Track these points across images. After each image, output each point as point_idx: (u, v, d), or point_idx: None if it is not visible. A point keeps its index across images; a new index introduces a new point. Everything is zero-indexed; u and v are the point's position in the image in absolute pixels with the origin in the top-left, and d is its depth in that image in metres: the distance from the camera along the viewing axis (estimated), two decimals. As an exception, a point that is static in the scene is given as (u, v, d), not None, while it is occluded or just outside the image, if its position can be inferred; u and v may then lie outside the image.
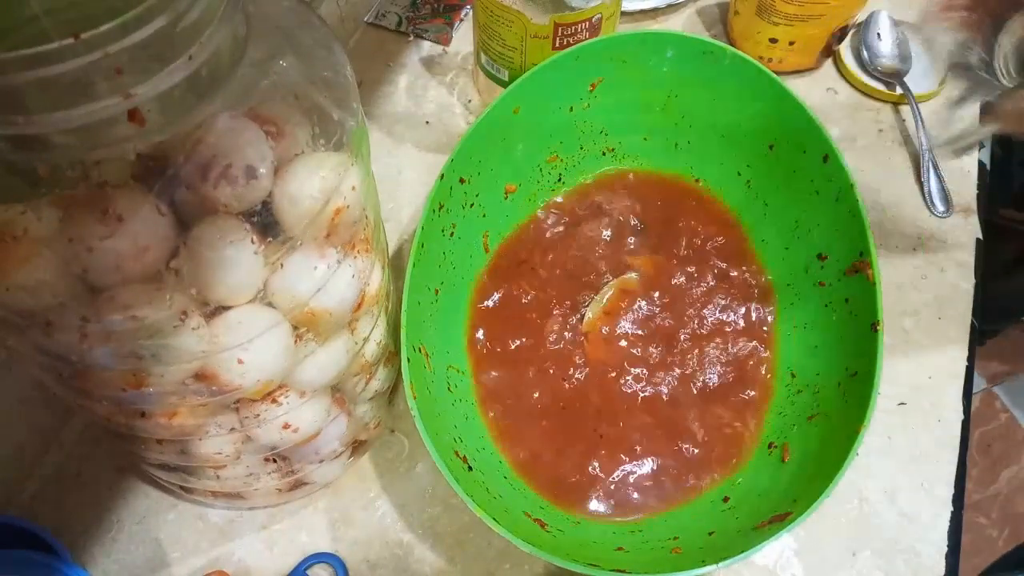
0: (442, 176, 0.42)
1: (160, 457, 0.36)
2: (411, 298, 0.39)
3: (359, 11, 0.66)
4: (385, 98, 0.61)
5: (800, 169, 0.45)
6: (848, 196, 0.42)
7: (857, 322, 0.40)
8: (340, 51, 0.29)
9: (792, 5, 0.56)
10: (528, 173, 0.50)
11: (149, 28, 0.20)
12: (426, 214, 0.41)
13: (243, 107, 0.25)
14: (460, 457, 0.38)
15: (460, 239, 0.46)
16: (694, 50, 0.47)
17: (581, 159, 0.51)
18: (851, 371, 0.40)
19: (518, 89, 0.45)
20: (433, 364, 0.41)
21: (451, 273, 0.45)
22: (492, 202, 0.48)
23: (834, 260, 0.43)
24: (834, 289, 0.43)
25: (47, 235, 0.22)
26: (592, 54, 0.46)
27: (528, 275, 0.48)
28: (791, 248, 0.47)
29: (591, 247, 0.49)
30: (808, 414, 0.41)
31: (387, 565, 0.42)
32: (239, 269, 0.26)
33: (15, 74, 0.19)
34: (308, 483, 0.42)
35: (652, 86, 0.49)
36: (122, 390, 0.28)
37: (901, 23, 0.64)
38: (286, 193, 0.26)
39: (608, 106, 0.49)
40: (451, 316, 0.45)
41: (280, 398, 0.32)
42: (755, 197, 0.49)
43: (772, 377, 0.45)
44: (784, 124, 0.46)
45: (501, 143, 0.46)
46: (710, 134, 0.50)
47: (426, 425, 0.36)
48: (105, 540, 0.42)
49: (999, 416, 1.22)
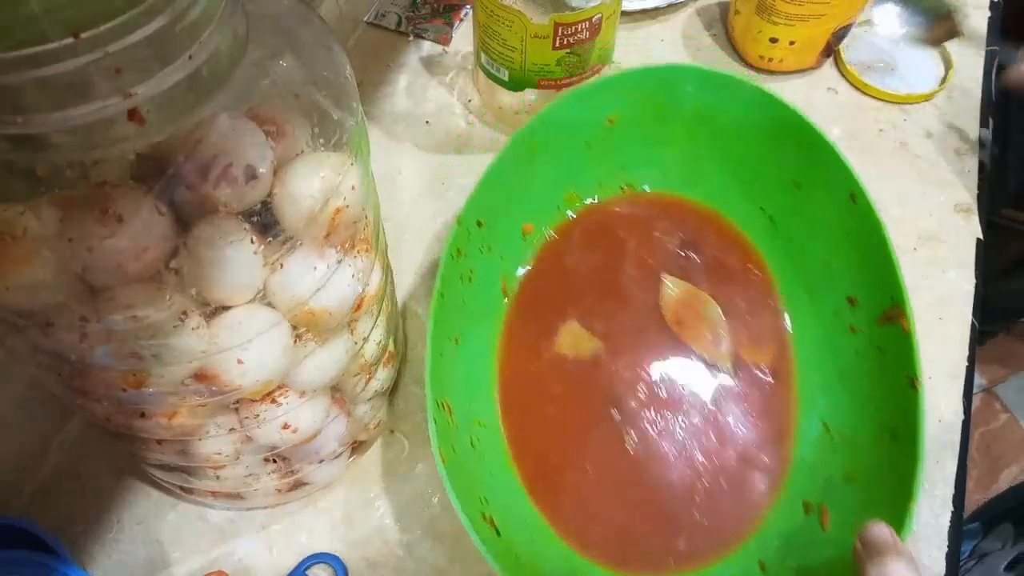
0: (459, 221, 0.40)
1: (160, 457, 0.36)
2: (434, 351, 0.37)
3: (359, 11, 0.66)
4: (385, 98, 0.61)
5: (827, 208, 0.44)
6: (878, 238, 0.40)
7: (893, 375, 0.39)
8: (340, 51, 0.29)
9: (792, 5, 0.56)
10: (546, 211, 0.48)
11: (149, 28, 0.20)
12: (445, 261, 0.39)
13: (243, 107, 0.25)
14: (487, 520, 0.36)
15: (478, 284, 0.44)
16: (715, 84, 0.45)
17: (599, 195, 0.50)
18: (891, 430, 0.38)
19: (534, 126, 0.44)
20: (456, 419, 0.40)
21: (470, 320, 0.43)
22: (509, 243, 0.46)
23: (865, 305, 0.42)
24: (866, 336, 0.41)
25: (47, 235, 0.22)
26: (610, 88, 0.45)
27: (553, 314, 0.47)
28: (819, 290, 0.45)
29: (612, 284, 0.48)
30: (844, 471, 0.40)
31: (387, 565, 0.42)
32: (239, 269, 0.26)
33: (15, 74, 0.19)
34: (308, 483, 0.42)
35: (671, 120, 0.47)
36: (122, 390, 0.28)
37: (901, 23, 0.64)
38: (286, 193, 0.26)
39: (626, 140, 0.48)
40: (473, 366, 0.44)
41: (280, 398, 0.32)
42: (779, 234, 0.47)
43: (799, 424, 0.43)
44: (810, 161, 0.44)
45: (518, 182, 0.45)
46: (731, 169, 0.48)
47: (456, 490, 0.34)
48: (105, 540, 0.42)
49: (999, 416, 1.22)
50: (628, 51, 0.64)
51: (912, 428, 0.36)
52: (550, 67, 0.52)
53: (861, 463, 0.39)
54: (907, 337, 0.38)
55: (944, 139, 0.59)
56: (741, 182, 0.48)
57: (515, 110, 0.57)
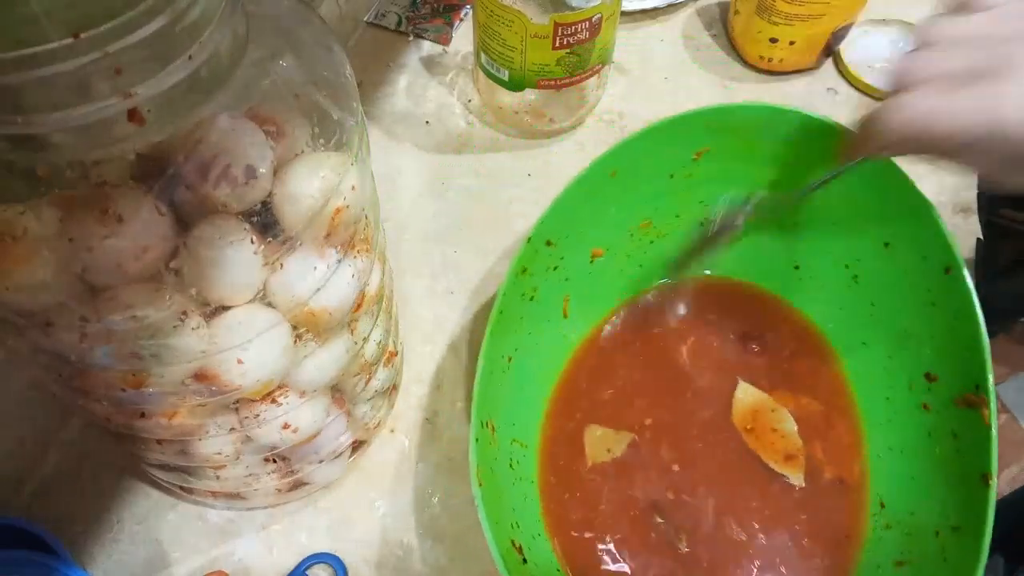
0: (529, 239, 0.40)
1: (160, 457, 0.36)
2: (486, 368, 0.37)
3: (359, 11, 0.66)
4: (385, 98, 0.61)
5: (917, 274, 0.41)
6: (969, 318, 0.38)
7: (964, 465, 0.36)
8: (340, 51, 0.29)
9: (792, 5, 0.56)
10: (617, 237, 0.47)
11: (149, 28, 0.20)
12: (509, 279, 0.39)
13: (243, 107, 0.25)
14: (516, 547, 0.36)
15: (539, 303, 0.43)
16: (813, 130, 0.42)
17: (676, 228, 0.48)
18: (953, 524, 0.35)
19: (618, 151, 0.42)
20: (498, 438, 0.39)
21: (526, 339, 0.43)
22: (577, 265, 0.45)
23: (944, 384, 0.40)
24: (940, 417, 0.39)
25: (47, 235, 0.22)
26: (701, 122, 0.43)
27: (609, 372, 0.46)
28: (895, 358, 0.43)
29: (670, 359, 0.47)
30: (896, 558, 0.38)
31: (387, 565, 0.42)
32: (239, 269, 0.26)
33: (15, 74, 0.19)
34: (308, 483, 0.42)
35: (761, 162, 0.44)
36: (122, 390, 0.28)
37: (901, 22, 0.64)
38: (286, 193, 0.26)
39: (711, 177, 0.45)
40: (523, 385, 0.43)
41: (280, 398, 0.32)
42: (862, 295, 0.45)
43: (857, 499, 0.41)
44: (907, 224, 0.41)
45: (593, 205, 0.44)
46: (818, 219, 0.45)
47: (488, 513, 0.33)
48: (105, 540, 0.42)
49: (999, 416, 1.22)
50: (628, 51, 0.64)
51: (979, 527, 0.33)
52: (550, 67, 0.52)
53: (916, 553, 0.37)
54: (986, 429, 0.36)
55: (944, 139, 0.59)
56: (828, 233, 0.45)
57: (515, 110, 0.57)
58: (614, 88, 0.61)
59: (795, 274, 0.48)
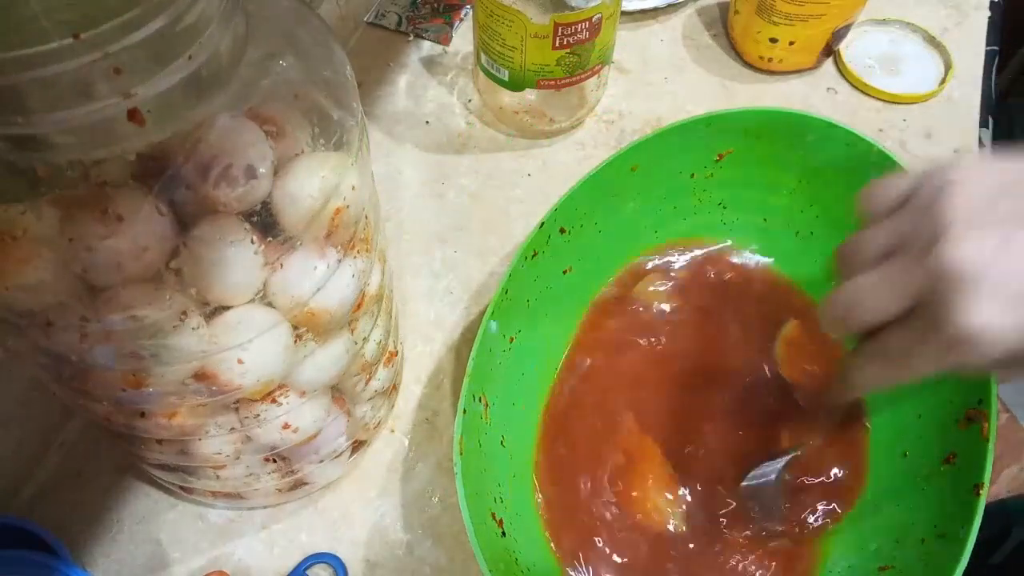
0: (542, 224, 0.40)
1: (160, 457, 0.36)
2: (483, 345, 0.37)
3: (359, 11, 0.66)
4: (385, 98, 0.61)
5: None
6: None
7: (958, 477, 0.37)
8: (340, 51, 0.29)
9: (792, 5, 0.56)
10: (634, 232, 0.47)
11: (149, 28, 0.20)
12: (517, 260, 0.39)
13: (243, 107, 0.25)
14: (496, 520, 0.36)
15: (549, 288, 0.43)
16: (838, 139, 0.42)
17: (693, 228, 0.48)
18: (939, 530, 0.36)
19: (640, 147, 0.42)
20: (491, 415, 0.39)
21: (532, 322, 0.43)
22: (590, 255, 0.46)
23: (947, 396, 0.40)
24: (942, 434, 0.39)
25: (47, 235, 0.22)
26: (726, 123, 0.43)
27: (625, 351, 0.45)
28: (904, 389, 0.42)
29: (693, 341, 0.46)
30: (880, 563, 0.38)
31: (387, 565, 0.42)
32: (239, 269, 0.26)
33: (15, 74, 0.19)
34: (308, 483, 0.42)
35: (784, 168, 0.45)
36: (122, 390, 0.28)
37: (901, 22, 0.64)
38: (286, 193, 0.26)
39: (732, 180, 0.46)
40: (523, 367, 0.43)
41: (280, 398, 0.32)
42: None
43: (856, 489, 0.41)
44: None
45: (610, 199, 0.44)
46: (838, 229, 0.45)
47: (465, 483, 0.34)
48: (105, 540, 0.42)
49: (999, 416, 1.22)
50: (628, 51, 0.64)
51: (964, 534, 0.34)
52: (550, 67, 0.52)
53: (899, 560, 0.37)
54: (984, 443, 0.36)
55: (944, 139, 0.59)
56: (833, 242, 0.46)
57: (515, 110, 0.57)
58: (614, 88, 0.61)
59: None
